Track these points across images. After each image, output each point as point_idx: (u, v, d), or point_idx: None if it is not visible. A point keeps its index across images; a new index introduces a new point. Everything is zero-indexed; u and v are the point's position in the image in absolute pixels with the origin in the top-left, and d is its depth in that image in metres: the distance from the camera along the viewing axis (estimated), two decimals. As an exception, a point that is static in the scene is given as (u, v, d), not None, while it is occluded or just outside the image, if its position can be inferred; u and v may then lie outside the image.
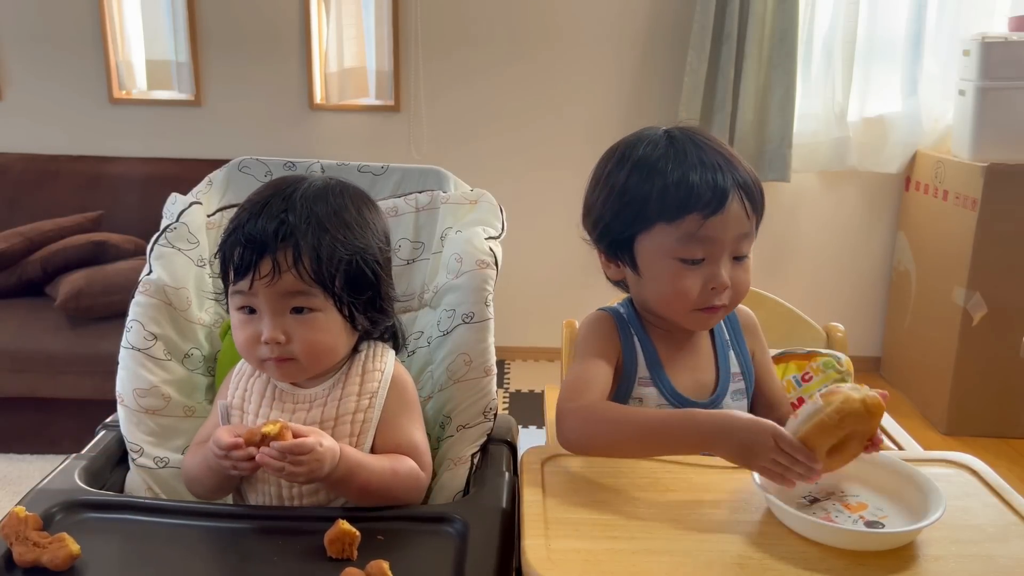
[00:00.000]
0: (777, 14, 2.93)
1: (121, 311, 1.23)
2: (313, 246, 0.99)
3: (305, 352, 1.01)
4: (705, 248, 1.06)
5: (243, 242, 1.00)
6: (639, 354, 1.14)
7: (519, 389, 3.11)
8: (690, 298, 1.07)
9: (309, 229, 1.00)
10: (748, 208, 1.07)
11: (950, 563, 0.84)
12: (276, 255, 0.98)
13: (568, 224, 1.31)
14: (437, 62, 3.11)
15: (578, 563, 0.83)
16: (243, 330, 1.02)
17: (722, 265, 1.06)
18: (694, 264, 1.06)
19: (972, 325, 2.74)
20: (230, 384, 1.11)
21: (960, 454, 1.07)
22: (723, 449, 0.96)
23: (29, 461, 2.46)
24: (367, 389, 1.06)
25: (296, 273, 0.98)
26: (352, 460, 0.98)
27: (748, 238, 1.08)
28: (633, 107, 3.14)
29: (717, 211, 1.04)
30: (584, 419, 1.03)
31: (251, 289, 0.99)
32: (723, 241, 1.06)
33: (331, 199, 1.04)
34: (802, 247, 3.29)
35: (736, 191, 1.06)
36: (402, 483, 1.02)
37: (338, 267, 1.01)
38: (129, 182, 2.95)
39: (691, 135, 1.12)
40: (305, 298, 1.00)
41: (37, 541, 0.86)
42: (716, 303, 1.08)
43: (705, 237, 1.05)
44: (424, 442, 1.08)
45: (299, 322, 1.01)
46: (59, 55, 3.07)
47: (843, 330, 1.43)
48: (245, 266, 0.99)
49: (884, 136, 3.10)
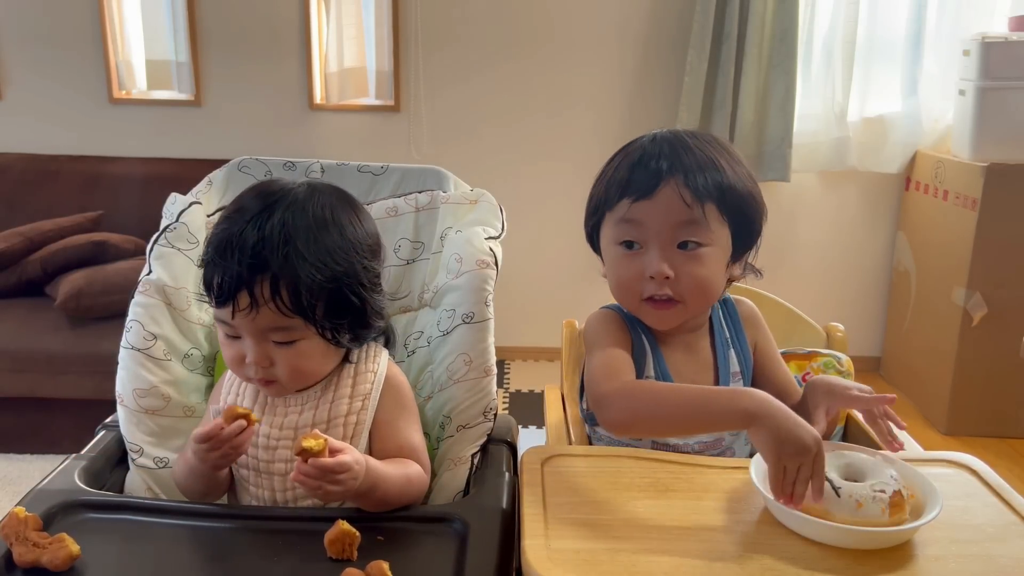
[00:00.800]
0: (777, 14, 2.93)
1: (121, 311, 1.23)
2: (291, 279, 0.96)
3: (288, 376, 1.01)
4: (636, 232, 1.07)
5: (221, 275, 0.97)
6: (648, 352, 1.14)
7: (519, 389, 3.11)
8: (631, 286, 1.09)
9: (287, 262, 0.96)
10: (688, 195, 1.04)
11: (950, 563, 0.84)
12: (253, 289, 0.96)
13: (568, 224, 1.31)
14: (437, 62, 3.11)
15: (578, 563, 0.83)
16: (228, 349, 1.02)
17: (657, 252, 1.06)
18: (630, 249, 1.08)
19: (972, 325, 2.74)
20: (222, 388, 1.10)
21: (960, 454, 1.07)
22: (762, 431, 0.92)
23: (29, 461, 2.46)
24: (360, 391, 1.06)
25: (275, 306, 0.97)
26: (374, 472, 0.96)
27: (693, 225, 1.05)
28: (633, 107, 3.13)
29: (645, 195, 1.05)
30: (627, 396, 1.02)
31: (233, 319, 0.98)
32: (653, 226, 1.06)
33: (312, 220, 1.00)
34: (802, 247, 3.29)
35: (675, 177, 1.04)
36: (415, 489, 1.02)
37: (319, 296, 0.98)
38: (129, 182, 2.95)
39: (681, 134, 1.10)
40: (285, 332, 0.99)
41: (37, 541, 0.86)
42: (658, 294, 1.07)
43: (634, 219, 1.07)
44: (422, 443, 1.08)
45: (281, 350, 1.00)
46: (59, 55, 3.07)
47: (843, 330, 1.43)
48: (224, 297, 0.97)
49: (884, 136, 3.10)
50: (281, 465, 1.02)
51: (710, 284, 1.08)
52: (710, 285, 1.09)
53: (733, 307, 1.23)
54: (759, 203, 1.11)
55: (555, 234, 3.15)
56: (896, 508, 0.87)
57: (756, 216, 1.11)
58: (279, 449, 1.02)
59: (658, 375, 1.13)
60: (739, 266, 1.14)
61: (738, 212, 1.08)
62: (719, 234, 1.08)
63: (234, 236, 0.98)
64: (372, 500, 0.97)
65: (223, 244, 0.99)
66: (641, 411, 1.01)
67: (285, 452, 1.02)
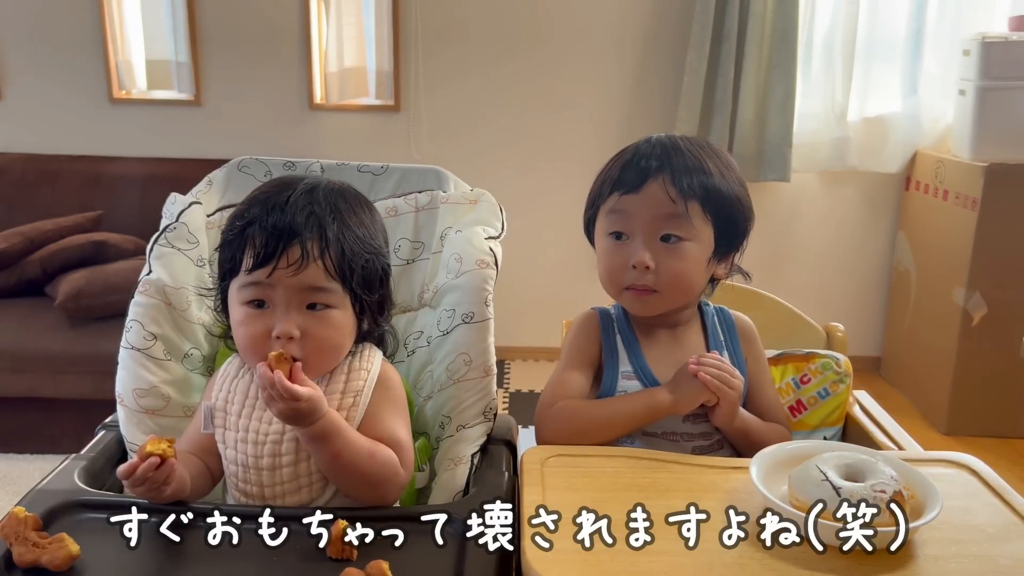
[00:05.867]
0: (777, 14, 2.93)
1: (121, 311, 1.23)
2: (339, 239, 1.01)
3: (314, 350, 1.00)
4: (624, 222, 1.14)
5: (269, 230, 0.99)
6: (620, 350, 1.19)
7: (519, 389, 3.11)
8: (618, 275, 1.15)
9: (335, 222, 1.02)
10: (673, 191, 1.11)
11: (950, 563, 0.84)
12: (305, 243, 0.99)
13: (568, 224, 1.31)
14: (437, 62, 3.11)
15: (578, 563, 0.83)
16: (251, 325, 1.01)
17: (641, 243, 1.12)
18: (619, 240, 1.15)
19: (972, 325, 2.74)
20: (214, 386, 1.10)
21: (960, 454, 1.07)
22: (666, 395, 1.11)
23: (29, 461, 2.46)
24: (352, 388, 1.05)
25: (322, 264, 0.99)
26: (332, 423, 0.97)
27: (676, 219, 1.11)
28: (633, 107, 3.13)
29: (633, 189, 1.12)
30: (558, 418, 1.13)
31: (270, 278, 0.99)
32: (639, 217, 1.12)
33: (349, 199, 1.07)
34: (802, 247, 3.29)
35: (663, 175, 1.11)
36: (378, 468, 1.00)
37: (358, 262, 1.03)
38: (129, 182, 2.95)
39: (675, 138, 1.17)
40: (324, 294, 1.01)
41: (37, 542, 0.86)
42: (639, 283, 1.13)
43: (622, 210, 1.14)
44: (407, 440, 1.06)
45: (314, 318, 1.01)
46: (59, 55, 3.07)
47: (843, 330, 1.43)
48: (269, 254, 0.98)
49: (884, 136, 3.10)
50: (268, 460, 1.02)
51: (688, 277, 1.14)
52: (688, 278, 1.15)
53: (730, 319, 1.25)
54: (746, 207, 1.17)
55: (555, 234, 3.15)
56: None
57: (741, 219, 1.16)
58: (267, 444, 1.02)
59: (635, 369, 1.17)
60: (724, 266, 1.19)
61: (722, 213, 1.14)
62: (701, 231, 1.13)
63: (281, 198, 1.02)
64: (325, 453, 0.98)
65: (269, 204, 1.01)
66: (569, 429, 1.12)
67: (272, 447, 1.02)
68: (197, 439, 1.07)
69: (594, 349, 1.20)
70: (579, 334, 1.22)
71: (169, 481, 0.96)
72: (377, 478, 1.00)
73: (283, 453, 1.02)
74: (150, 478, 0.93)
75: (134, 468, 0.93)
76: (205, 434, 1.06)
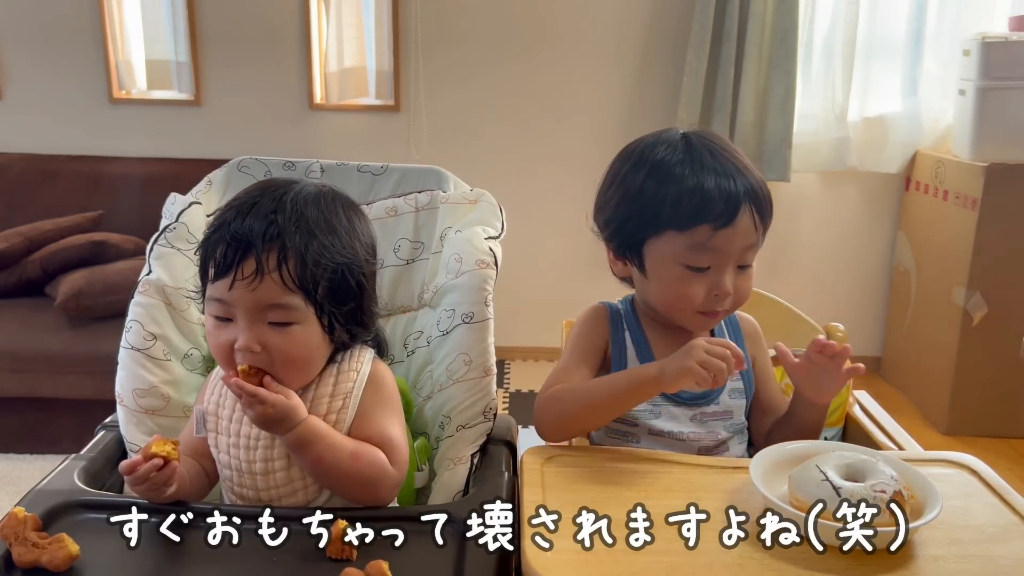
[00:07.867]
0: (777, 14, 2.93)
1: (121, 311, 1.23)
2: (299, 250, 0.96)
3: (281, 363, 0.98)
4: (712, 258, 1.08)
5: (227, 240, 0.96)
6: (628, 348, 1.17)
7: (519, 389, 3.11)
8: (694, 304, 1.10)
9: (297, 232, 0.97)
10: (757, 220, 1.09)
11: (950, 563, 0.84)
12: (260, 256, 0.95)
13: (568, 224, 1.31)
14: (437, 62, 3.11)
15: (578, 563, 0.83)
16: (217, 336, 1.00)
17: (727, 274, 1.09)
18: (700, 271, 1.09)
19: (972, 325, 2.74)
20: (206, 390, 1.10)
21: (960, 454, 1.07)
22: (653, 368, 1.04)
23: (29, 461, 2.46)
24: (340, 390, 1.04)
25: (279, 277, 0.95)
26: (310, 430, 0.97)
27: (754, 248, 1.11)
28: (633, 107, 3.13)
29: (728, 224, 1.06)
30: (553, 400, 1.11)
31: (230, 291, 0.96)
32: (730, 252, 1.08)
33: (322, 205, 1.02)
34: (802, 247, 3.28)
35: (748, 203, 1.07)
36: (362, 469, 0.99)
37: (323, 274, 0.98)
38: (129, 182, 2.95)
39: (708, 141, 1.12)
40: (284, 312, 0.97)
41: (36, 542, 0.86)
42: (718, 308, 1.11)
43: (714, 248, 1.07)
44: (400, 437, 1.05)
45: (276, 334, 0.98)
46: (59, 55, 3.07)
47: (843, 330, 1.43)
48: (227, 266, 0.96)
49: (884, 136, 3.10)
50: (261, 464, 1.01)
51: (750, 294, 1.14)
52: (749, 295, 1.14)
53: (735, 318, 1.25)
54: None
55: (555, 234, 3.14)
56: None
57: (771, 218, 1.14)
58: (259, 449, 1.02)
59: None
60: None
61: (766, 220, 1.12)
62: None
63: (245, 206, 0.99)
64: (307, 458, 0.98)
65: (232, 212, 0.99)
66: (558, 412, 1.10)
67: (264, 452, 1.01)
68: (192, 442, 1.07)
69: (601, 343, 1.19)
70: (587, 327, 1.20)
71: (170, 483, 0.96)
72: (363, 479, 1.00)
73: (275, 457, 1.01)
74: (152, 479, 0.93)
75: (136, 465, 0.93)
76: (199, 437, 1.06)
